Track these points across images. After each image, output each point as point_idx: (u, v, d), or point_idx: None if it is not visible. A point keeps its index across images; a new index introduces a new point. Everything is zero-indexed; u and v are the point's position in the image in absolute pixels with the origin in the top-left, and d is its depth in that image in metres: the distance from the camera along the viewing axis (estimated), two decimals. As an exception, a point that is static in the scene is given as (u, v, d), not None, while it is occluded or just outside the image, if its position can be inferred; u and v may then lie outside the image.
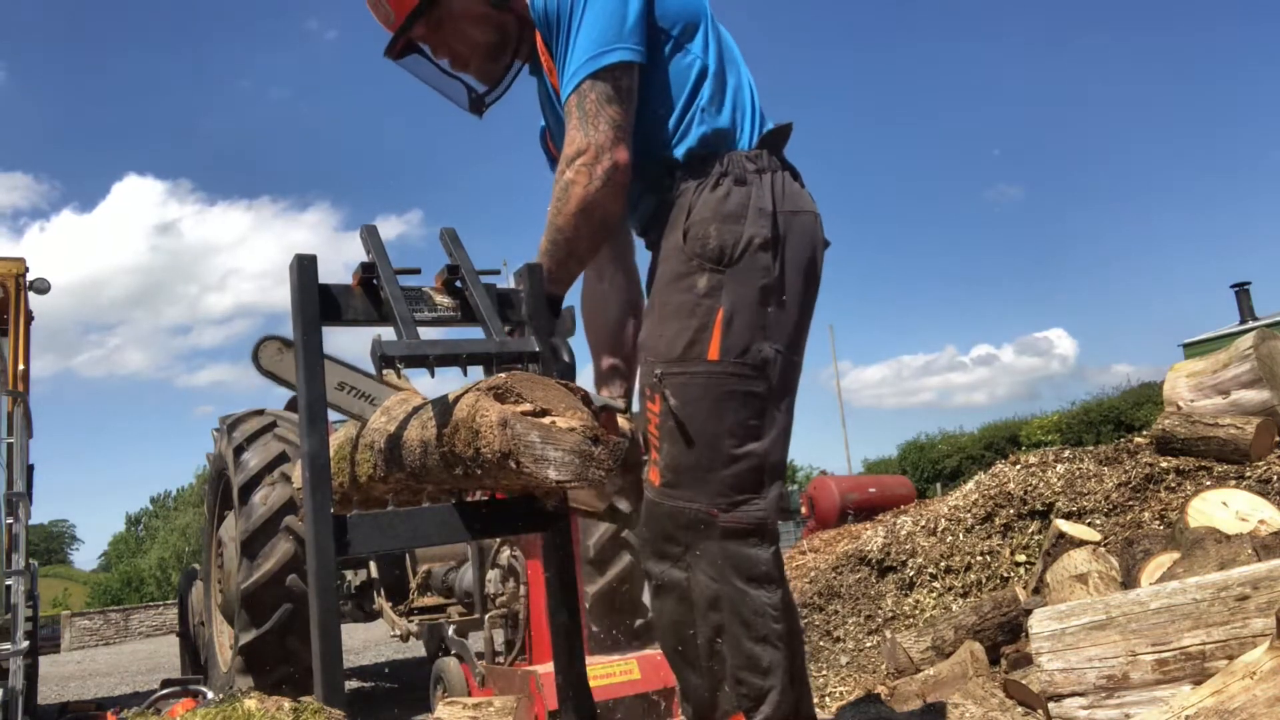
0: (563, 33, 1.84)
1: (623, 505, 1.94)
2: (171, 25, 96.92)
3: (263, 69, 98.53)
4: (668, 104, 1.87)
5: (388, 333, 1.64)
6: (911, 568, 4.39)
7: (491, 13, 2.00)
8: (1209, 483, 3.65)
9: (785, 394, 1.82)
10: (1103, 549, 3.29)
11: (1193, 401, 4.24)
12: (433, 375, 1.59)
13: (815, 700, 3.52)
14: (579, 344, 2.17)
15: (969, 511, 4.45)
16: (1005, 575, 3.98)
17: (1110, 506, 3.92)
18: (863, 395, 69.24)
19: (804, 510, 14.45)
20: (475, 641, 4.24)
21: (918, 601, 4.22)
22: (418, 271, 1.81)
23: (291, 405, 5.50)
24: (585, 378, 2.15)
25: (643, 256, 2.11)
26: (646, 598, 2.64)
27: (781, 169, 1.89)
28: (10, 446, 5.27)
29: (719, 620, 1.71)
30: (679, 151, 1.87)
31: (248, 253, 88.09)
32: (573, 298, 2.25)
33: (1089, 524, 3.80)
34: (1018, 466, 4.66)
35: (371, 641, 10.23)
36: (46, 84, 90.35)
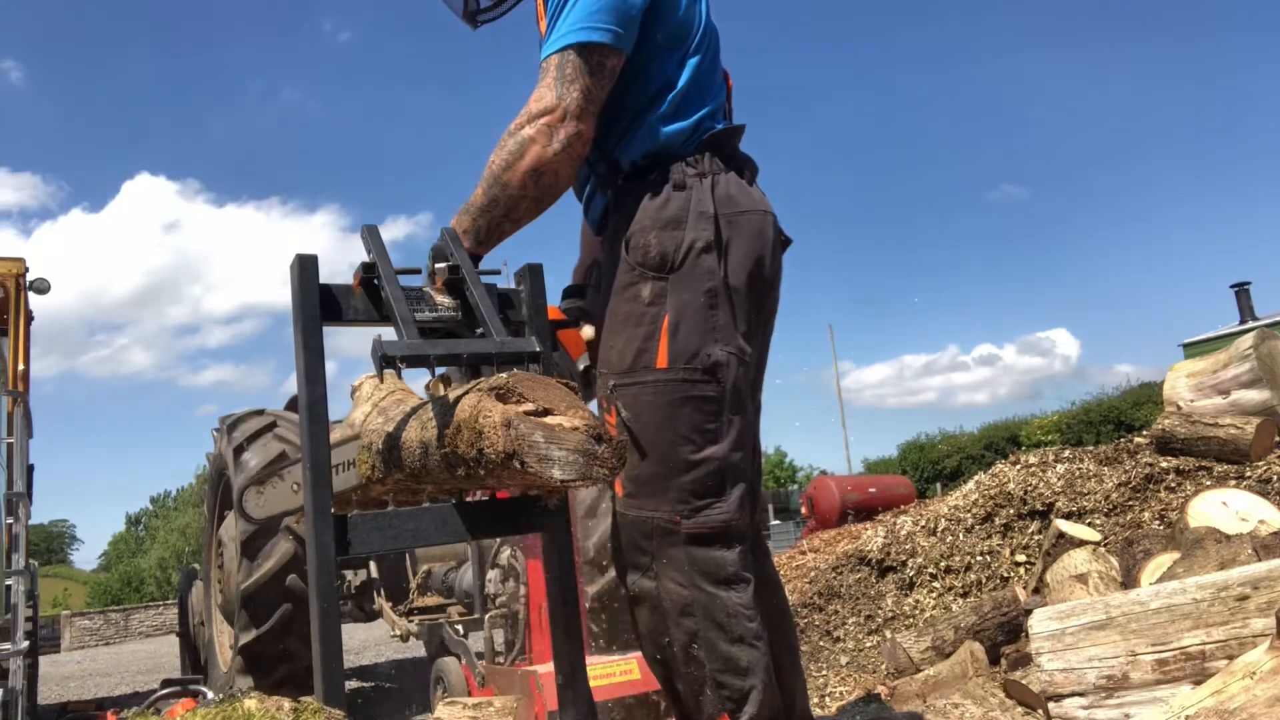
0: None
1: None
2: (184, 25, 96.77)
3: (274, 70, 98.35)
4: (623, 108, 1.85)
5: (388, 333, 1.64)
6: (911, 568, 4.39)
7: None
8: (1209, 483, 3.65)
9: (743, 394, 1.81)
10: (1103, 549, 3.29)
11: (1193, 401, 4.25)
12: (433, 375, 1.59)
13: (815, 700, 3.53)
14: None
15: (969, 511, 4.45)
16: (1005, 575, 3.98)
17: (1110, 506, 3.92)
18: (864, 395, 69.09)
19: (804, 510, 14.48)
20: (475, 641, 4.24)
21: (918, 601, 4.22)
22: (418, 271, 1.81)
23: (291, 405, 5.50)
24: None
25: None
26: None
27: (726, 170, 1.86)
28: (10, 446, 5.27)
29: (693, 626, 1.71)
30: (624, 159, 1.86)
31: (255, 253, 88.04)
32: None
33: (1089, 524, 3.80)
34: (1018, 466, 4.66)
35: (371, 641, 10.22)
36: (59, 84, 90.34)
